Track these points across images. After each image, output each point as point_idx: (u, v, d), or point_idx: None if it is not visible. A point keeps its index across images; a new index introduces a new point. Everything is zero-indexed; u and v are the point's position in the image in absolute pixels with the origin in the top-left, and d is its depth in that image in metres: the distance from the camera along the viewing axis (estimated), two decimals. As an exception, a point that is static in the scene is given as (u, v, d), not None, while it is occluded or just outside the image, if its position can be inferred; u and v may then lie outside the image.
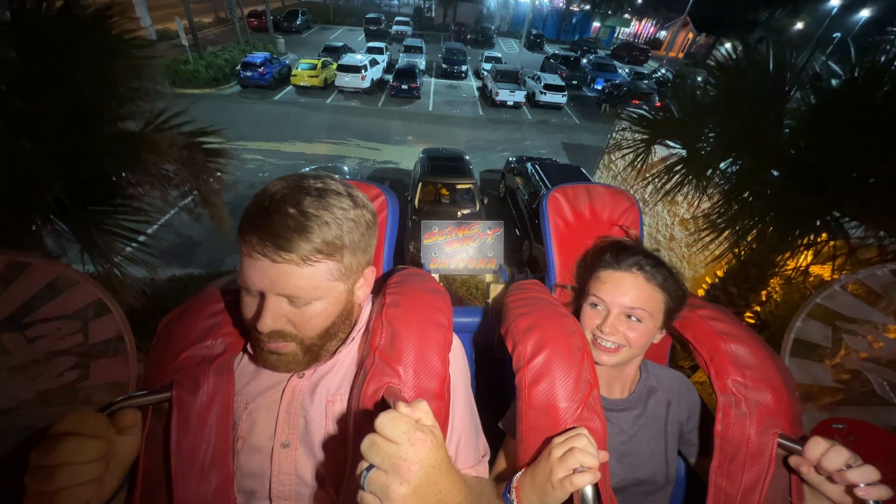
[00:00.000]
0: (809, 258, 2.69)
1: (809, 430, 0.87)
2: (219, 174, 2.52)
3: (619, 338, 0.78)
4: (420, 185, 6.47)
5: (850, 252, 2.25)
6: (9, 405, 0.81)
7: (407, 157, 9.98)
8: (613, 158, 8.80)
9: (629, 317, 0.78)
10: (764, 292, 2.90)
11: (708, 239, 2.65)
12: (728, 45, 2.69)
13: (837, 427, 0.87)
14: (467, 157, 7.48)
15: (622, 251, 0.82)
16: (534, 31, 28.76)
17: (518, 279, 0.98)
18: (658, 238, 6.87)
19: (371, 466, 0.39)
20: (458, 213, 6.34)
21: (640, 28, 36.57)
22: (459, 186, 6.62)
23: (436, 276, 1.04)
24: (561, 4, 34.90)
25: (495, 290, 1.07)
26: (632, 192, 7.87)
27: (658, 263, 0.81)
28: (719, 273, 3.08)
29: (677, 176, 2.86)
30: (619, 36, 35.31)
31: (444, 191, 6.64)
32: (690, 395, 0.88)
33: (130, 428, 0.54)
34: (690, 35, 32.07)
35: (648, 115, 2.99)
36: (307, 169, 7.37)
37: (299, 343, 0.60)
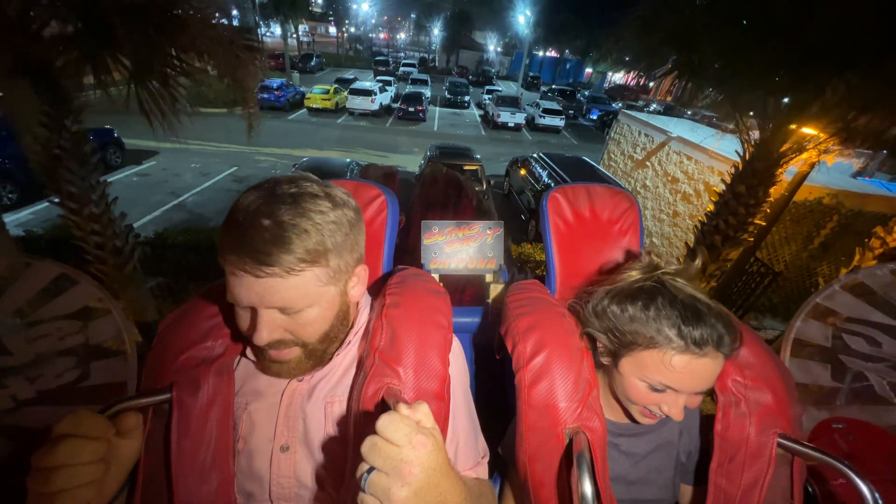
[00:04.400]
0: (811, 153, 2.82)
1: (809, 430, 0.86)
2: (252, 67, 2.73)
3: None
4: (429, 164, 6.75)
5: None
6: (9, 405, 0.79)
7: (413, 164, 10.38)
8: (612, 156, 9.18)
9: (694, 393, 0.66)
10: (773, 189, 2.99)
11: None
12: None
13: (837, 427, 0.84)
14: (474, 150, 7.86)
15: (697, 323, 0.60)
16: (531, 74, 31.00)
17: (518, 279, 0.97)
18: (662, 217, 7.01)
19: (372, 468, 0.38)
20: (466, 191, 6.55)
21: (628, 79, 39.30)
22: (467, 168, 6.92)
23: (436, 276, 1.02)
24: (554, 53, 37.93)
25: (495, 290, 1.05)
26: (632, 180, 8.14)
27: (729, 321, 0.63)
28: (727, 180, 3.18)
29: (679, 79, 3.06)
30: (610, 84, 37.97)
31: (452, 173, 6.89)
32: (699, 428, 0.81)
33: (132, 431, 0.52)
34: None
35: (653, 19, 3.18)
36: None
37: (302, 347, 0.59)
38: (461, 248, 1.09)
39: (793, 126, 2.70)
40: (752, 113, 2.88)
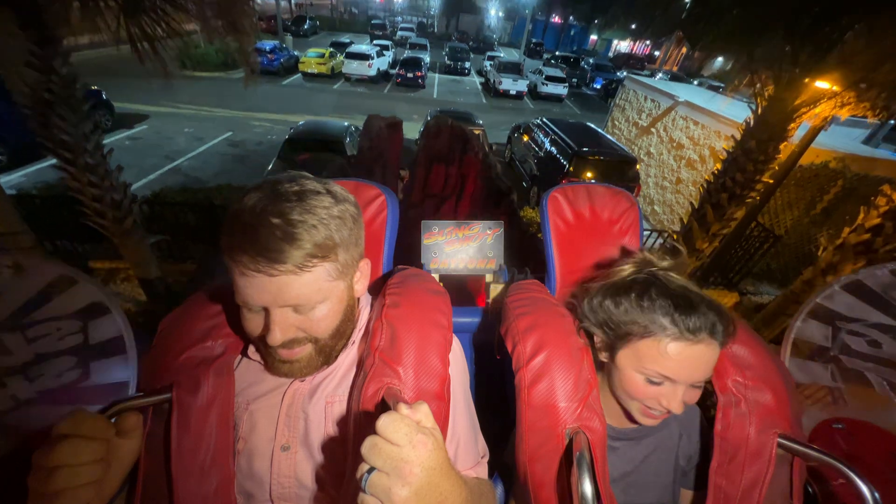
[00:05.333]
0: (825, 107, 2.75)
1: (809, 430, 0.86)
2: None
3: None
4: (435, 117, 6.61)
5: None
6: (9, 405, 0.80)
7: (411, 132, 10.17)
8: (617, 123, 8.99)
9: (692, 386, 0.66)
10: (783, 145, 2.94)
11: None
12: None
13: (837, 427, 0.84)
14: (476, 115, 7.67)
15: (690, 311, 0.62)
16: (534, 40, 29.86)
17: (518, 279, 0.97)
18: (665, 185, 6.95)
19: (372, 468, 0.38)
20: (468, 155, 6.44)
21: (634, 47, 38.07)
22: (469, 131, 6.77)
23: (436, 276, 1.03)
24: (558, 20, 36.43)
25: (495, 290, 1.05)
26: (636, 147, 8.01)
27: (722, 310, 0.64)
28: (738, 138, 3.12)
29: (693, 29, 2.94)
30: (615, 51, 36.74)
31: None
32: (700, 432, 0.81)
33: (132, 431, 0.53)
34: (684, 49, 33.38)
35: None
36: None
37: (314, 343, 0.59)
38: (461, 248, 1.09)
39: (806, 80, 2.61)
40: (766, 67, 2.77)
